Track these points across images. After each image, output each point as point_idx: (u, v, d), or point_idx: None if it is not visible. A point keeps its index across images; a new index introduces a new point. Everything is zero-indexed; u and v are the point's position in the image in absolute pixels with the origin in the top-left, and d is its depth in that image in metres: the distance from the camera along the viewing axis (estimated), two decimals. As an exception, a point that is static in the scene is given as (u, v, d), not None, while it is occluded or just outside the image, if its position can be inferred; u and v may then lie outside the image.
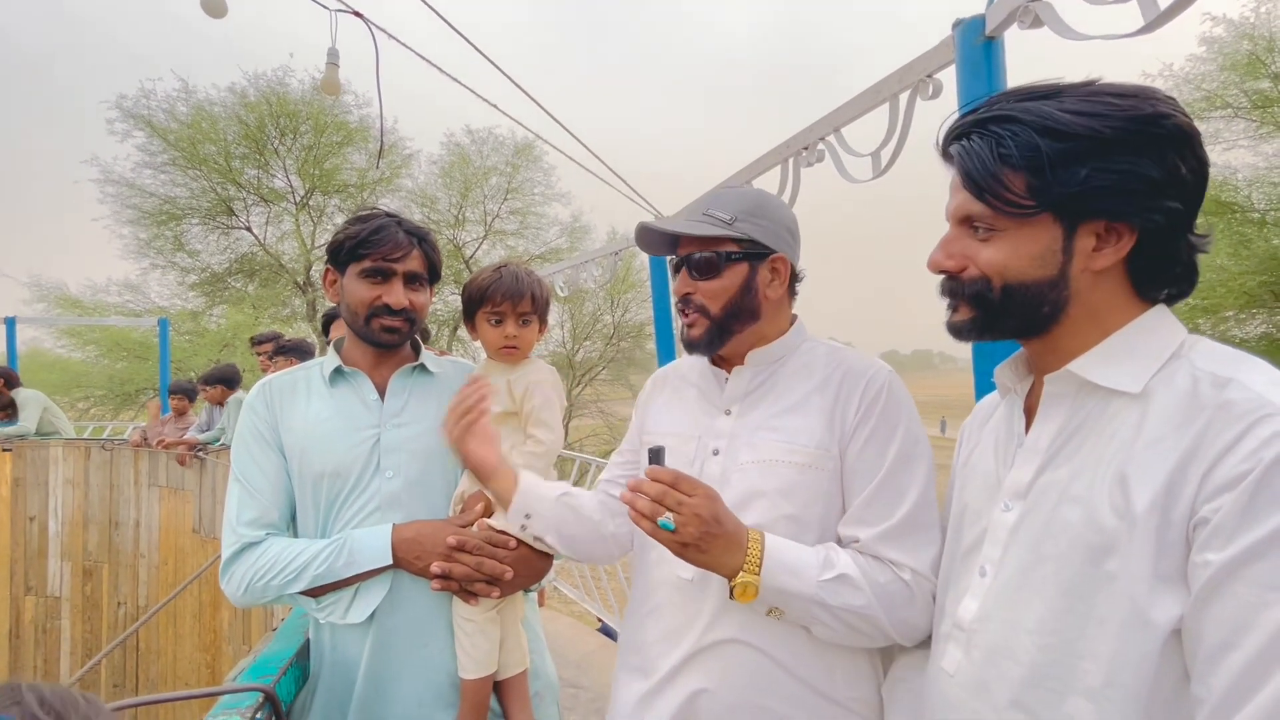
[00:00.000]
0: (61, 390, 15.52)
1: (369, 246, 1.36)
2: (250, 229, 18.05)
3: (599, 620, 5.04)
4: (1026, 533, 0.82)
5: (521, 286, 1.45)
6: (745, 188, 3.29)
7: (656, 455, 1.03)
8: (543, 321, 1.51)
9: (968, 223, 0.84)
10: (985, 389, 1.16)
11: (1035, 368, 0.91)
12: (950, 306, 0.89)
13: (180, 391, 6.05)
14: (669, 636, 1.15)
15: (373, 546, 1.30)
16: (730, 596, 1.00)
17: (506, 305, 1.45)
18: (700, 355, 1.20)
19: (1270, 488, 0.61)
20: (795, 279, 1.22)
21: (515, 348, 1.47)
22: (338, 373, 1.44)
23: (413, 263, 1.40)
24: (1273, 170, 11.77)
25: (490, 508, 1.41)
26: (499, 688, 1.46)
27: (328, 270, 1.45)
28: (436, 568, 1.29)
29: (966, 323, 0.87)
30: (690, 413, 1.24)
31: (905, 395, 1.13)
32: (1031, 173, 0.77)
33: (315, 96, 16.51)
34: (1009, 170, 0.78)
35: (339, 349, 1.48)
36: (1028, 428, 0.88)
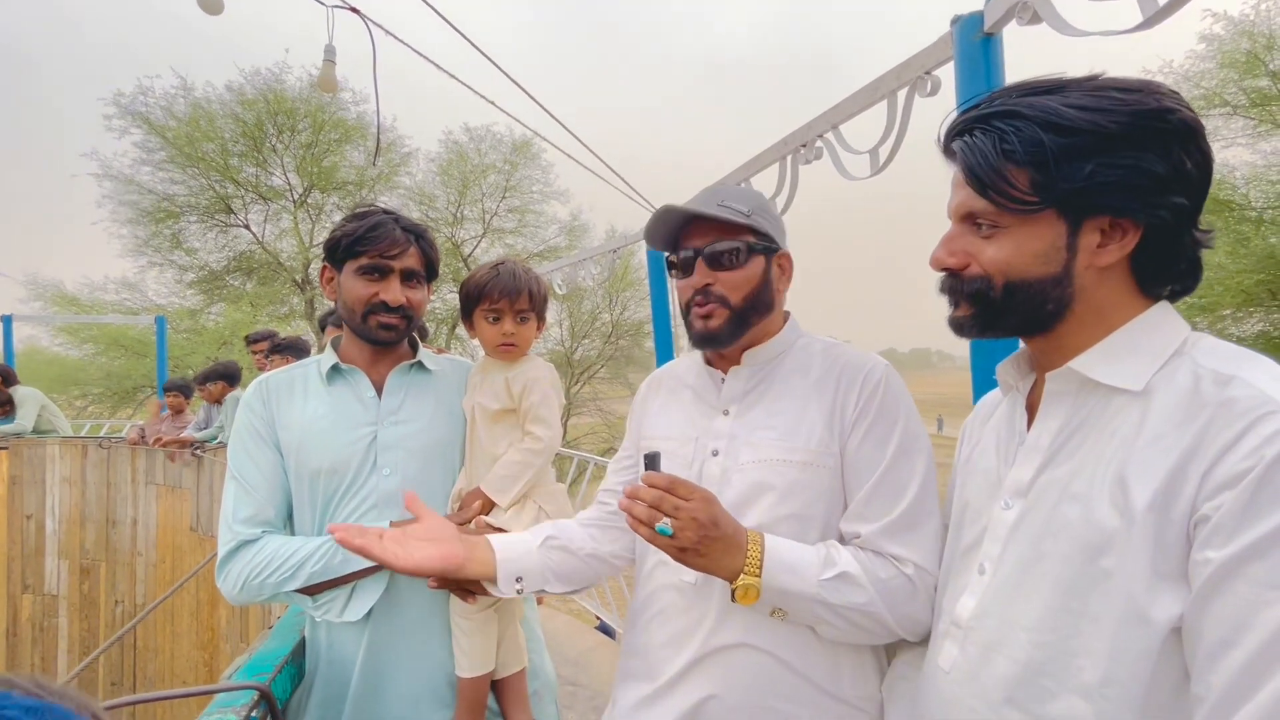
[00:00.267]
0: (59, 388, 15.50)
1: (366, 243, 1.35)
2: (248, 227, 18.02)
3: (597, 618, 5.05)
4: (1026, 531, 0.81)
5: (519, 284, 1.44)
6: (743, 186, 3.28)
7: (652, 461, 1.01)
8: (541, 319, 1.50)
9: (970, 219, 0.84)
10: (984, 387, 1.16)
11: (1037, 365, 0.91)
12: (951, 303, 0.88)
13: (176, 389, 6.04)
14: (673, 641, 1.13)
15: None
16: (732, 599, 0.99)
17: (504, 303, 1.44)
18: (714, 349, 1.17)
19: (1271, 485, 0.61)
20: None
21: (513, 345, 1.46)
22: (335, 370, 1.43)
23: (410, 260, 1.39)
24: (1271, 168, 11.78)
25: (488, 505, 1.40)
26: (497, 686, 1.46)
27: (325, 267, 1.45)
28: None
29: (967, 319, 0.86)
30: (687, 414, 1.23)
31: (902, 389, 1.12)
32: (1035, 168, 0.76)
33: (313, 94, 16.47)
34: (1013, 166, 0.77)
35: (336, 346, 1.47)
36: (1029, 425, 0.87)
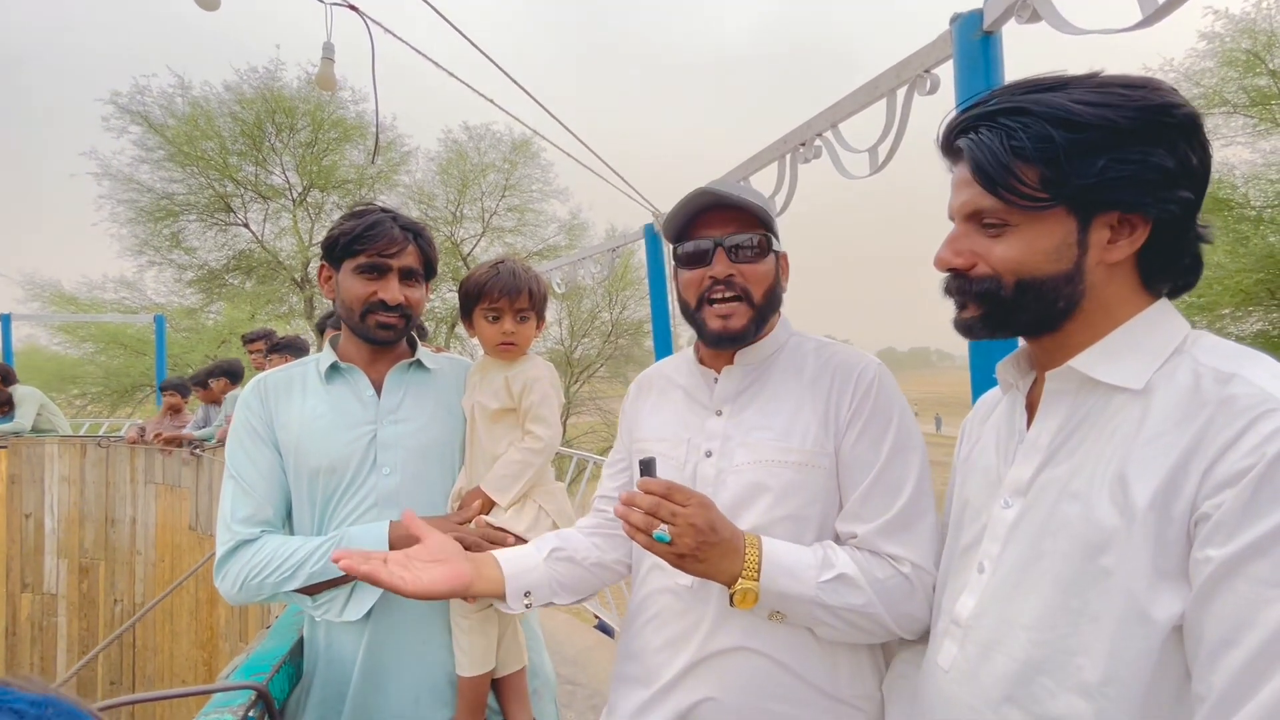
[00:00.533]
0: (58, 387, 15.49)
1: (364, 242, 1.35)
2: (248, 225, 18.02)
3: (595, 617, 5.05)
4: (1026, 529, 0.81)
5: (519, 283, 1.43)
6: (742, 184, 3.28)
7: (647, 467, 1.00)
8: (541, 318, 1.49)
9: (976, 218, 0.82)
10: (983, 386, 1.16)
11: (1037, 364, 0.90)
12: (958, 305, 0.87)
13: (174, 388, 6.03)
14: (670, 645, 1.13)
15: (370, 543, 1.29)
16: (730, 604, 0.99)
17: (504, 302, 1.43)
18: (732, 348, 1.15)
19: (1272, 483, 0.61)
20: None
21: (513, 344, 1.45)
22: (334, 369, 1.43)
23: (408, 258, 1.39)
24: (1270, 167, 11.78)
25: (488, 504, 1.40)
26: (497, 685, 1.46)
27: (323, 266, 1.44)
28: None
29: (976, 320, 0.85)
30: (679, 415, 1.22)
31: (895, 387, 1.11)
32: (1046, 165, 0.75)
33: (312, 92, 16.46)
34: (1022, 163, 0.76)
35: (335, 345, 1.47)
36: (1029, 424, 0.87)
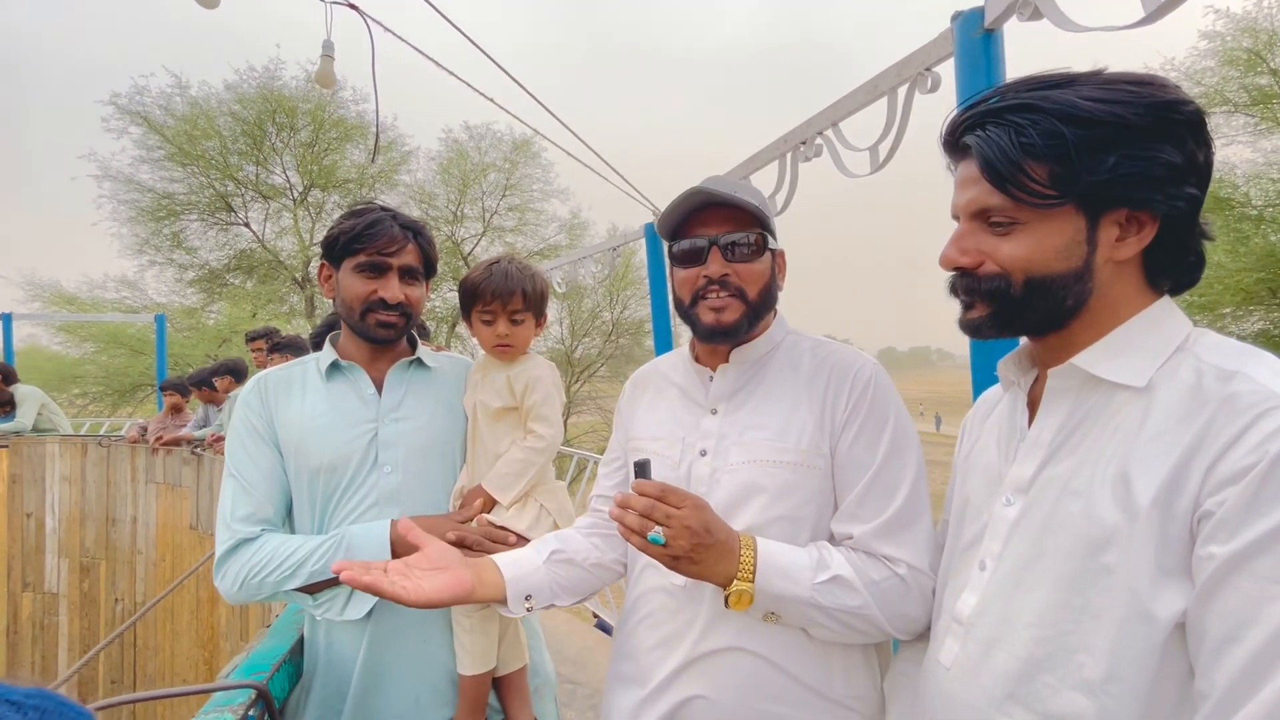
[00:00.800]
0: (58, 387, 15.51)
1: (364, 241, 1.35)
2: (249, 225, 18.03)
3: (594, 615, 5.05)
4: (1028, 527, 0.81)
5: (511, 284, 1.41)
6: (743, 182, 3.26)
7: (642, 469, 1.00)
8: (539, 317, 1.48)
9: (983, 216, 0.82)
10: (984, 385, 1.15)
11: (1039, 361, 0.90)
12: (964, 304, 0.86)
13: (174, 388, 6.04)
14: (663, 644, 1.13)
15: (371, 542, 1.29)
16: (726, 605, 0.99)
17: (496, 304, 1.42)
18: (725, 343, 1.15)
19: (1275, 481, 0.61)
20: None
21: (509, 346, 1.45)
22: (334, 367, 1.43)
23: (408, 257, 1.39)
24: (1271, 166, 11.78)
25: (490, 503, 1.40)
26: (498, 684, 1.46)
27: (323, 265, 1.44)
28: None
29: (985, 319, 0.84)
30: (674, 413, 1.21)
31: (891, 387, 1.11)
32: (1056, 162, 0.75)
33: (313, 92, 16.46)
34: (1031, 160, 0.75)
35: (335, 343, 1.47)
36: (1030, 421, 0.87)
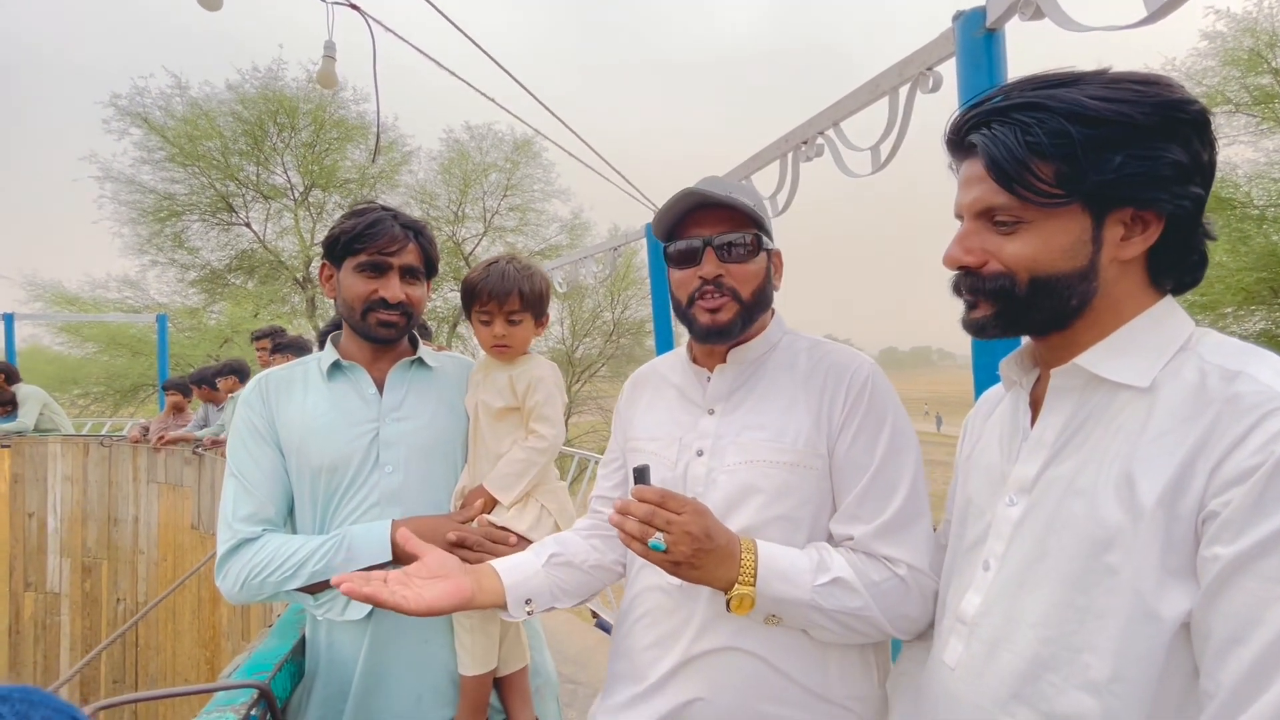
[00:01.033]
0: (60, 387, 15.52)
1: (364, 241, 1.35)
2: (250, 225, 18.03)
3: (594, 614, 5.04)
4: (1031, 527, 0.81)
5: (508, 285, 1.40)
6: (744, 183, 3.26)
7: (641, 474, 1.00)
8: (538, 317, 1.47)
9: (988, 215, 0.81)
10: (985, 385, 1.15)
11: (1041, 361, 0.90)
12: (969, 304, 0.86)
13: (176, 388, 6.04)
14: (659, 643, 1.13)
15: (372, 542, 1.29)
16: (727, 609, 0.98)
17: (493, 304, 1.41)
18: (720, 343, 1.15)
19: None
20: None
21: (506, 347, 1.44)
22: (335, 367, 1.43)
23: (409, 256, 1.38)
24: (1273, 166, 11.76)
25: (491, 503, 1.40)
26: (499, 684, 1.46)
27: (324, 265, 1.44)
28: None
29: (989, 319, 0.84)
30: (671, 414, 1.21)
31: (889, 387, 1.11)
32: (1062, 161, 0.74)
33: (314, 92, 16.46)
34: (1038, 159, 0.75)
35: (336, 343, 1.47)
36: (1033, 421, 0.87)
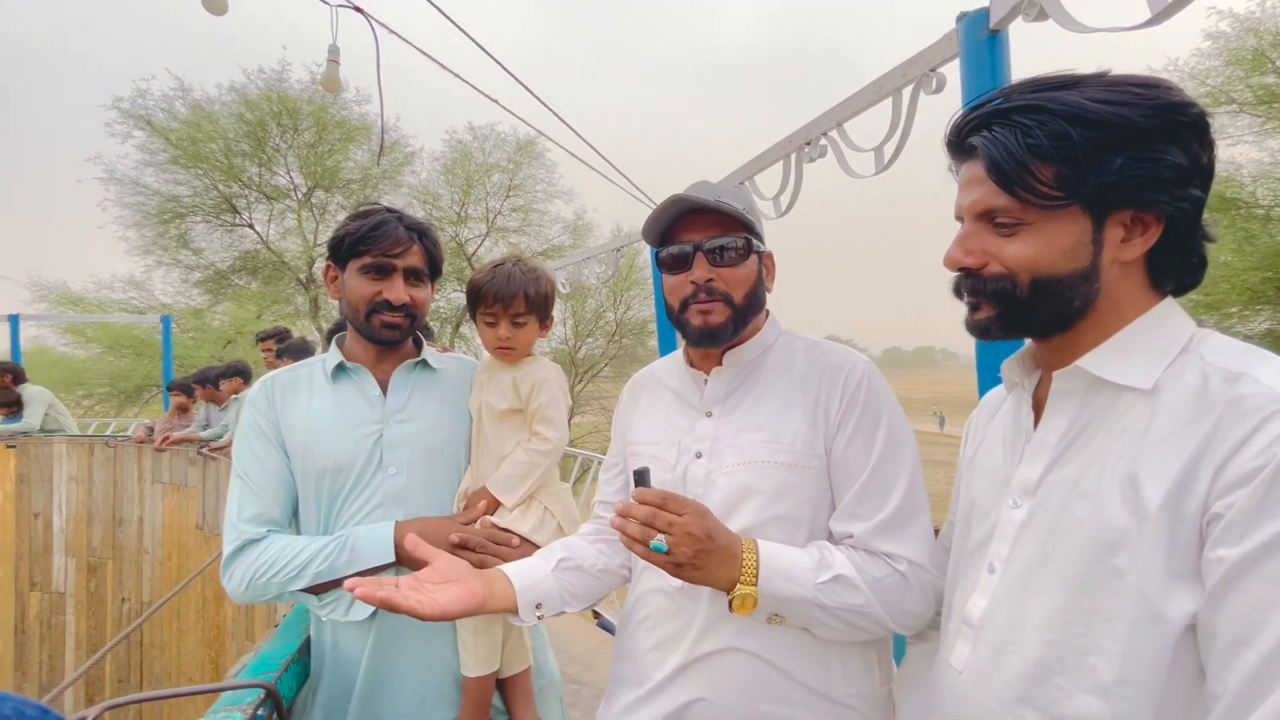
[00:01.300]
0: (64, 387, 15.57)
1: (369, 242, 1.35)
2: (253, 226, 18.08)
3: (595, 614, 5.03)
4: (1035, 529, 0.81)
5: (513, 286, 1.40)
6: (742, 186, 3.26)
7: (641, 477, 1.00)
8: (543, 319, 1.48)
9: (988, 217, 0.82)
10: (989, 385, 1.15)
11: (1043, 363, 0.90)
12: (971, 305, 0.86)
13: (181, 388, 6.07)
14: (662, 645, 1.13)
15: (375, 543, 1.30)
16: (730, 609, 0.99)
17: (498, 307, 1.41)
18: (714, 346, 1.15)
19: None
20: None
21: (510, 349, 1.44)
22: (340, 368, 1.43)
23: (413, 258, 1.39)
24: (1278, 166, 11.71)
25: (494, 505, 1.40)
26: (503, 685, 1.46)
27: (329, 266, 1.45)
28: None
29: (992, 321, 0.84)
30: (669, 417, 1.22)
31: (885, 385, 1.12)
32: (1063, 163, 0.75)
33: (316, 94, 16.49)
34: (1038, 161, 0.76)
35: (340, 344, 1.47)
36: (1035, 423, 0.87)
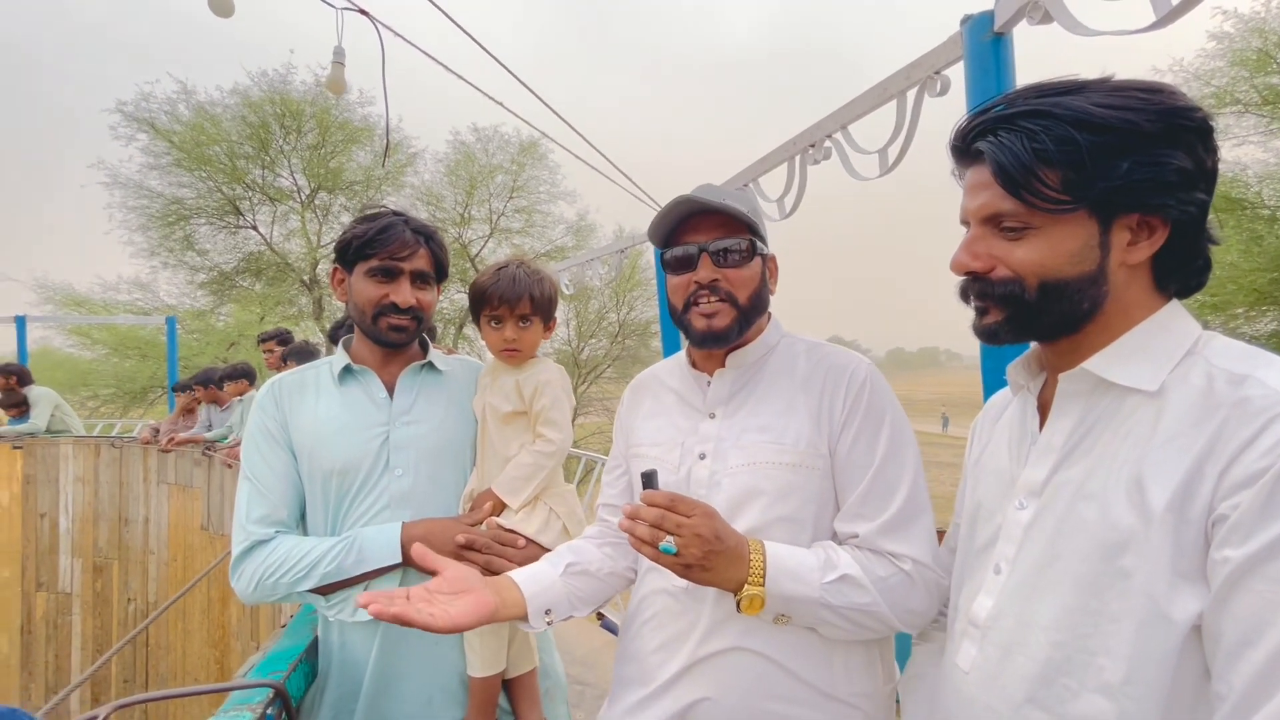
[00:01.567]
0: (70, 389, 15.64)
1: (376, 246, 1.36)
2: (257, 228, 18.13)
3: (599, 615, 5.03)
4: (1041, 530, 0.81)
5: (519, 288, 1.42)
6: (748, 188, 3.27)
7: (649, 479, 1.01)
8: (547, 321, 1.49)
9: (994, 221, 0.82)
10: (994, 387, 1.15)
11: (1049, 365, 0.90)
12: (979, 310, 0.86)
13: (186, 389, 6.09)
14: (666, 646, 1.14)
15: (382, 544, 1.30)
16: (738, 610, 0.99)
17: (504, 309, 1.42)
18: (717, 348, 1.16)
19: None
20: None
21: (516, 350, 1.45)
22: (346, 371, 1.44)
23: (419, 261, 1.40)
24: (1284, 166, 11.66)
25: (499, 506, 1.41)
26: (508, 686, 1.47)
27: (335, 269, 1.46)
28: None
29: (1000, 324, 0.84)
30: (672, 418, 1.23)
31: (886, 387, 1.13)
32: (1070, 167, 0.75)
33: (319, 95, 16.54)
34: (1045, 165, 0.76)
35: (348, 347, 1.48)
36: (1041, 425, 0.87)
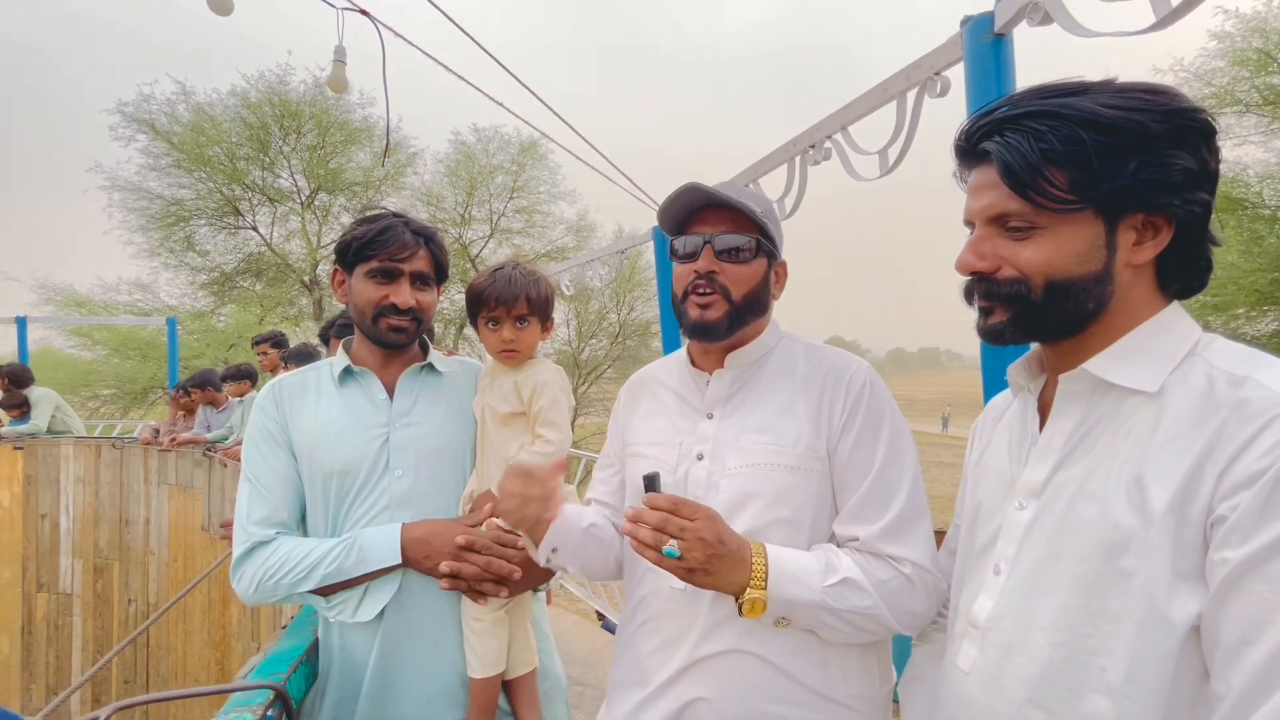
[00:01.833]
0: (71, 389, 15.65)
1: (376, 247, 1.36)
2: (256, 229, 18.15)
3: (599, 615, 5.03)
4: (1041, 531, 0.82)
5: (515, 289, 1.42)
6: (752, 188, 3.27)
7: (651, 482, 1.01)
8: (544, 321, 1.48)
9: (1000, 221, 0.82)
10: (994, 387, 1.16)
11: (1049, 366, 0.91)
12: (983, 310, 0.86)
13: (186, 390, 6.09)
14: (664, 648, 1.14)
15: (382, 546, 1.31)
16: (740, 614, 1.00)
17: (501, 310, 1.42)
18: (707, 341, 1.16)
19: None
20: None
21: (514, 351, 1.45)
22: (347, 372, 1.44)
23: (419, 262, 1.40)
24: (1285, 166, 11.65)
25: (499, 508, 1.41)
26: (508, 687, 1.47)
27: (335, 270, 1.46)
28: (445, 567, 1.29)
29: (1005, 325, 0.84)
30: (670, 418, 1.23)
31: (885, 390, 1.13)
32: (1076, 167, 0.75)
33: (319, 96, 16.55)
34: (1052, 166, 0.76)
35: (348, 349, 1.48)
36: (1041, 426, 0.87)
